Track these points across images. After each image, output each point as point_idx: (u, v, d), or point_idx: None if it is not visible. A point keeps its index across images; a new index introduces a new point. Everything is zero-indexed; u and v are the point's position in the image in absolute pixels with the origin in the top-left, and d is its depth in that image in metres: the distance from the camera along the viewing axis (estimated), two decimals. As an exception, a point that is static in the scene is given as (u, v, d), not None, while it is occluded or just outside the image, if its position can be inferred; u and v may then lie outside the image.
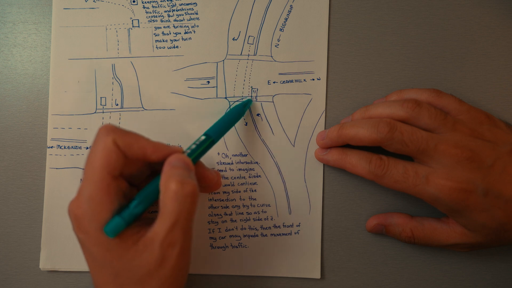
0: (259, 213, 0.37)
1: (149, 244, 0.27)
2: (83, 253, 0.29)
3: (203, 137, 0.32)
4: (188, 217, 0.27)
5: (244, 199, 0.37)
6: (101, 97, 0.37)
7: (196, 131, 0.37)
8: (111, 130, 0.28)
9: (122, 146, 0.28)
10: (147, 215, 0.33)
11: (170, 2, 0.38)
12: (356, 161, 0.34)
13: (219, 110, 0.37)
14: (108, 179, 0.27)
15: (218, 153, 0.37)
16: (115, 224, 0.27)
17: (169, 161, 0.28)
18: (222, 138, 0.37)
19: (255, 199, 0.37)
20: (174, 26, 0.37)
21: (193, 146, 0.31)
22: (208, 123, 0.37)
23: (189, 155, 0.31)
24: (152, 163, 0.31)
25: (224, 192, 0.37)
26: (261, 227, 0.37)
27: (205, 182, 0.32)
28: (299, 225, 0.37)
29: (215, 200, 0.37)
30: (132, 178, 0.30)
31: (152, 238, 0.27)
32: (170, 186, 0.27)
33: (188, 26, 0.37)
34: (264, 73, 0.37)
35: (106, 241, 0.27)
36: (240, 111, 0.36)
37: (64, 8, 0.37)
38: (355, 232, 0.38)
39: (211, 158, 0.37)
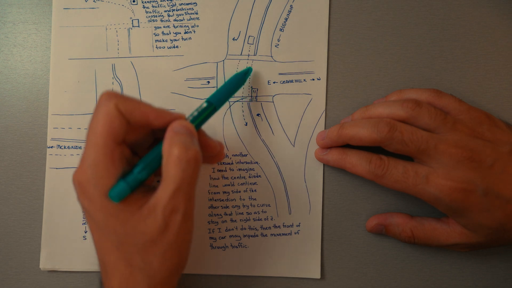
0: (259, 213, 0.37)
1: (152, 210, 0.27)
2: (86, 221, 0.29)
3: (205, 104, 0.32)
4: (190, 183, 0.27)
5: (244, 199, 0.37)
6: (101, 97, 0.37)
7: (196, 131, 0.37)
8: (113, 95, 0.28)
9: (124, 111, 0.27)
10: (150, 183, 0.33)
11: (170, 2, 0.38)
12: (356, 161, 0.34)
13: (219, 110, 0.37)
14: (112, 144, 0.27)
15: (218, 153, 0.37)
16: (120, 189, 0.27)
17: (172, 127, 0.28)
18: (222, 138, 0.37)
19: (255, 199, 0.37)
20: (174, 26, 0.37)
21: (195, 113, 0.31)
22: (208, 123, 0.37)
23: (191, 122, 0.30)
24: (155, 132, 0.31)
25: (224, 192, 0.37)
26: (261, 227, 0.37)
27: (208, 151, 0.31)
28: (299, 225, 0.37)
29: (215, 200, 0.37)
30: (135, 147, 0.30)
31: (155, 204, 0.27)
32: (173, 151, 0.26)
33: (188, 26, 0.37)
34: (264, 73, 0.37)
35: (110, 207, 0.27)
36: (241, 79, 0.35)
37: (64, 8, 0.37)
38: (355, 232, 0.38)
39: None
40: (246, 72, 0.36)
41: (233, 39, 0.38)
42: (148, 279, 0.28)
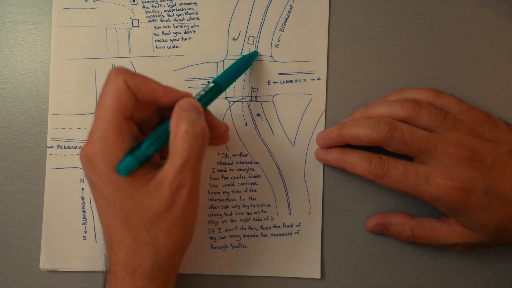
0: (259, 213, 0.37)
1: (159, 185, 0.27)
2: (93, 196, 0.29)
3: (211, 84, 0.32)
4: (197, 159, 0.27)
5: (244, 199, 0.37)
6: (101, 97, 0.37)
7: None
8: (122, 71, 0.28)
9: (132, 86, 0.28)
10: (157, 160, 0.33)
11: (170, 1, 0.38)
12: (356, 161, 0.34)
13: (219, 110, 0.37)
14: (120, 119, 0.27)
15: (218, 153, 0.37)
16: (128, 163, 0.27)
17: (180, 104, 0.28)
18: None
19: (255, 199, 0.37)
20: (174, 26, 0.37)
21: (202, 93, 0.32)
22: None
23: (198, 100, 0.31)
24: (161, 112, 0.31)
25: (224, 192, 0.37)
26: (261, 227, 0.37)
27: (213, 130, 0.32)
28: (299, 225, 0.37)
29: (215, 200, 0.37)
30: (142, 125, 0.31)
31: (162, 179, 0.27)
32: (181, 126, 0.27)
33: (188, 26, 0.38)
34: (264, 73, 0.37)
35: (118, 181, 0.27)
36: (247, 62, 0.36)
37: (64, 8, 0.37)
38: (355, 232, 0.38)
39: (211, 158, 0.37)
40: (252, 55, 0.37)
41: (233, 39, 0.38)
42: (154, 254, 0.28)
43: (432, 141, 0.32)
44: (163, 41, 0.37)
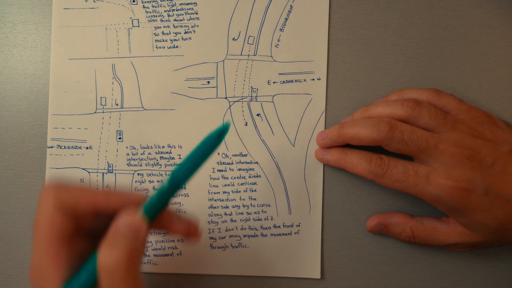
0: (259, 213, 0.37)
1: None
2: None
3: (167, 184, 0.26)
4: None
5: (244, 199, 0.37)
6: (101, 97, 0.37)
7: (196, 131, 0.37)
8: (52, 190, 0.25)
9: (67, 204, 0.25)
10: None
11: (170, 1, 0.38)
12: (356, 161, 0.34)
13: (219, 110, 0.37)
14: (56, 245, 0.24)
15: (218, 153, 0.37)
16: None
17: (113, 224, 0.25)
18: (222, 138, 0.37)
19: (255, 199, 0.37)
20: (174, 26, 0.37)
21: (154, 197, 0.26)
22: (208, 123, 0.37)
23: (148, 208, 0.26)
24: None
25: (224, 192, 0.37)
26: (261, 227, 0.37)
27: (176, 234, 0.28)
28: (299, 225, 0.37)
29: (215, 200, 0.37)
30: (98, 230, 0.27)
31: None
32: (99, 256, 0.24)
33: (188, 26, 0.38)
34: (264, 73, 0.37)
35: None
36: (216, 140, 0.27)
37: (64, 8, 0.37)
38: (355, 232, 0.38)
39: (211, 159, 0.37)
40: (222, 131, 0.27)
41: (233, 39, 0.38)
42: None
43: (432, 141, 0.32)
44: (163, 41, 0.37)
